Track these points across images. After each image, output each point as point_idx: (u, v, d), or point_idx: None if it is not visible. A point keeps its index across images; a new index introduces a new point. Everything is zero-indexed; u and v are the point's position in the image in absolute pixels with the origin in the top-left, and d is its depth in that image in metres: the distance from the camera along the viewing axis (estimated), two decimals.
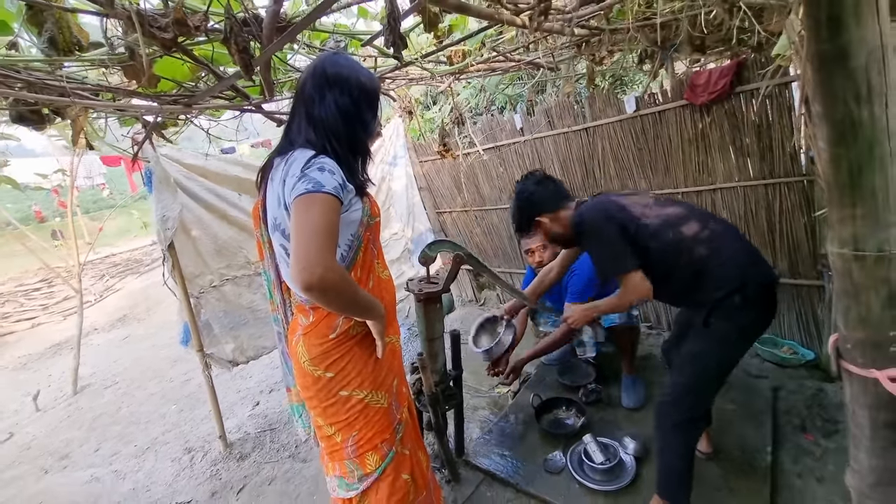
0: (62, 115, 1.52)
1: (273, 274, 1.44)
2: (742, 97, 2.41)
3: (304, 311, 1.32)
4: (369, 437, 1.33)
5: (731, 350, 1.57)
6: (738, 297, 1.49)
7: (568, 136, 3.15)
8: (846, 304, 0.80)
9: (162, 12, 1.04)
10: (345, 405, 1.30)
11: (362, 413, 1.31)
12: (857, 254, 0.73)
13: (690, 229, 1.59)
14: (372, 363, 1.31)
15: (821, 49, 0.66)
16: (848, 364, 0.81)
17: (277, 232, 1.23)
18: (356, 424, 1.31)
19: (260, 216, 1.35)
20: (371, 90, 1.19)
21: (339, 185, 1.10)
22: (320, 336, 1.28)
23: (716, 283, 1.53)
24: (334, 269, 1.04)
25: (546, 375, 2.81)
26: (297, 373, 1.36)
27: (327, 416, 1.33)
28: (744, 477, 1.87)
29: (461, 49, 1.95)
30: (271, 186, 1.22)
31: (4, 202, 6.78)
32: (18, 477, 2.67)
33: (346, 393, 1.29)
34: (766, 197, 2.54)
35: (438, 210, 4.20)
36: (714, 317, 1.55)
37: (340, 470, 1.37)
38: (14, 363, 4.68)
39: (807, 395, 2.32)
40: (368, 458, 1.34)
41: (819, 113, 0.70)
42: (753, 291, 1.49)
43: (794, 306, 2.67)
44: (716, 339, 1.55)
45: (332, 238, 1.07)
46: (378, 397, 1.33)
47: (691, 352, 1.62)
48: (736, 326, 1.52)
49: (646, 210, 1.66)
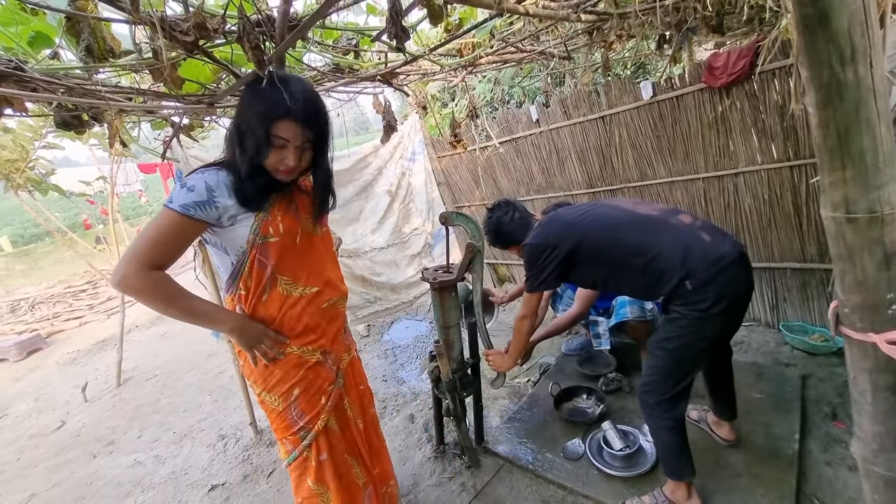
0: (99, 121, 1.65)
1: None
2: (762, 77, 2.35)
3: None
4: (273, 428, 1.47)
5: (698, 331, 1.55)
6: (688, 283, 1.49)
7: (584, 126, 3.13)
8: (842, 269, 0.79)
9: (183, 17, 1.12)
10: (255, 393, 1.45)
11: (263, 405, 1.44)
12: (849, 216, 0.73)
13: (626, 234, 1.66)
14: (262, 367, 1.37)
15: (804, 13, 0.66)
16: (847, 329, 0.81)
17: None
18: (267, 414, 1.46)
19: None
20: (253, 106, 1.14)
21: (196, 202, 1.16)
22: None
23: (661, 276, 1.56)
24: (138, 274, 1.13)
25: (566, 365, 2.81)
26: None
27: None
28: (768, 464, 1.83)
29: (471, 41, 1.98)
30: None
31: (53, 211, 7.25)
32: (70, 461, 2.88)
33: (249, 383, 1.47)
34: (792, 179, 2.46)
35: (457, 205, 4.24)
36: (672, 304, 1.58)
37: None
38: (65, 358, 5.01)
39: (838, 383, 2.24)
40: (279, 445, 1.51)
41: (807, 77, 0.70)
42: (703, 273, 1.48)
43: (824, 292, 2.58)
44: (679, 325, 1.56)
45: (154, 246, 1.16)
46: (271, 398, 1.40)
47: (659, 336, 1.64)
48: (695, 310, 1.51)
49: (587, 221, 1.75)
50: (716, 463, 1.89)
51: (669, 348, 1.59)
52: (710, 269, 1.48)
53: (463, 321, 2.14)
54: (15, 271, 10.92)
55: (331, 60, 1.68)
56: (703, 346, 1.59)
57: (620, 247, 1.65)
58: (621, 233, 1.67)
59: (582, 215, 1.78)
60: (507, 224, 2.03)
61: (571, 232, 1.75)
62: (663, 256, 1.55)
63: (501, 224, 2.04)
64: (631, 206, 1.76)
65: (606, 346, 2.56)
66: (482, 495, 1.97)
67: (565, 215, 1.84)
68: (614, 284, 1.78)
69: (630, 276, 1.67)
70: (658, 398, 1.60)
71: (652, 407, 1.63)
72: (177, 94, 1.41)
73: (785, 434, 1.96)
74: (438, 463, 2.21)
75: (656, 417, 1.63)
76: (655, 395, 1.61)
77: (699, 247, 1.53)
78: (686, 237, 1.56)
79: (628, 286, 1.77)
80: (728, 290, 1.50)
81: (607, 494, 1.82)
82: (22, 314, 7.31)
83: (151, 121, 1.95)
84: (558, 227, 1.81)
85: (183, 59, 1.27)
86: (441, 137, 4.03)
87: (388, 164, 3.74)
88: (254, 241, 1.25)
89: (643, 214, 1.69)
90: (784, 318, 2.80)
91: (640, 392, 1.67)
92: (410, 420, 2.61)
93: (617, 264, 1.68)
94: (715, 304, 1.48)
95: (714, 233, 1.60)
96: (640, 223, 1.66)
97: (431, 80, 2.76)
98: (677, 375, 1.59)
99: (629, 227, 1.67)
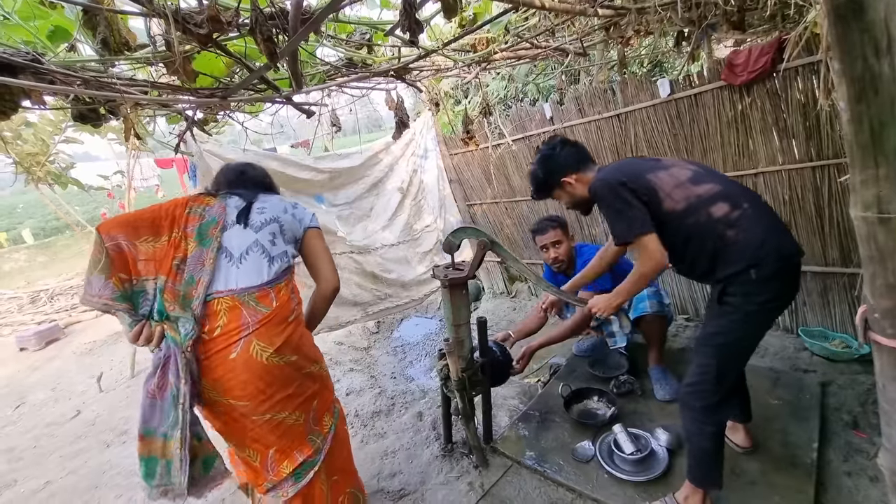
0: (116, 114, 1.67)
1: (207, 277, 1.45)
2: (784, 75, 2.28)
3: (264, 299, 1.46)
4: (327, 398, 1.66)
5: (750, 327, 1.48)
6: (753, 272, 1.41)
7: (599, 124, 3.08)
8: (872, 272, 0.75)
9: (197, 10, 1.12)
10: (309, 379, 1.57)
11: (324, 380, 1.63)
12: (881, 216, 0.69)
13: (716, 210, 1.49)
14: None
15: (837, 3, 0.63)
16: (876, 335, 0.77)
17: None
18: (317, 394, 1.60)
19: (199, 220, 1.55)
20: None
21: None
22: (282, 321, 1.48)
23: (731, 257, 1.45)
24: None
25: (577, 367, 2.78)
26: (253, 375, 1.41)
27: (293, 402, 1.51)
28: (785, 473, 1.78)
29: (485, 36, 1.96)
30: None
31: (73, 205, 7.42)
32: (85, 449, 2.93)
33: (315, 368, 1.60)
34: (814, 180, 2.39)
35: (469, 202, 4.22)
36: (728, 293, 1.47)
37: (305, 452, 1.54)
38: (81, 349, 5.11)
39: (860, 391, 2.18)
40: (326, 417, 1.64)
41: (838, 70, 0.67)
42: (771, 266, 1.41)
43: (846, 297, 2.50)
44: (732, 318, 1.47)
45: None
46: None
47: (708, 331, 1.55)
48: (752, 302, 1.43)
49: (674, 188, 1.55)
50: (731, 470, 1.84)
51: (722, 344, 1.50)
52: (778, 263, 1.41)
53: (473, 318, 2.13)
54: (36, 263, 11.18)
55: (344, 55, 1.67)
56: (752, 344, 1.54)
57: (694, 226, 1.50)
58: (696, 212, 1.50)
59: (663, 171, 1.60)
60: (562, 150, 1.78)
61: (649, 174, 1.57)
62: (739, 237, 1.44)
63: (555, 150, 1.78)
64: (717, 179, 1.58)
65: (623, 343, 2.51)
66: (489, 495, 1.95)
67: (645, 166, 1.65)
68: (673, 252, 1.57)
69: (702, 243, 1.50)
70: (706, 401, 1.51)
71: (698, 411, 1.54)
72: (190, 88, 1.42)
73: (803, 442, 1.90)
74: (446, 461, 2.20)
75: (700, 422, 1.54)
76: (703, 397, 1.51)
77: (777, 237, 1.44)
78: (767, 224, 1.46)
79: (687, 265, 1.61)
80: (786, 289, 1.46)
81: (617, 499, 1.79)
82: (42, 305, 7.49)
83: (166, 115, 1.97)
84: (634, 168, 1.63)
85: (197, 52, 1.27)
86: (454, 134, 4.01)
87: (399, 160, 3.73)
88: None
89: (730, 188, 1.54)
90: (803, 323, 2.73)
91: (686, 394, 1.57)
92: (419, 418, 2.60)
93: (686, 240, 1.53)
94: (771, 300, 1.43)
95: (783, 228, 1.52)
96: (730, 189, 1.52)
97: (445, 77, 2.74)
98: (729, 376, 1.52)
99: (704, 207, 1.50)
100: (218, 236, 1.50)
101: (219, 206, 1.57)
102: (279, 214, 1.61)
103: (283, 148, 6.62)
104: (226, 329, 1.40)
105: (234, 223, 1.55)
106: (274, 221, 1.59)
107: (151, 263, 1.46)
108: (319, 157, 3.22)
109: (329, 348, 3.79)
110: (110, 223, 1.46)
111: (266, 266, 1.50)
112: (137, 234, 1.47)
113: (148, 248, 1.47)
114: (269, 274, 1.50)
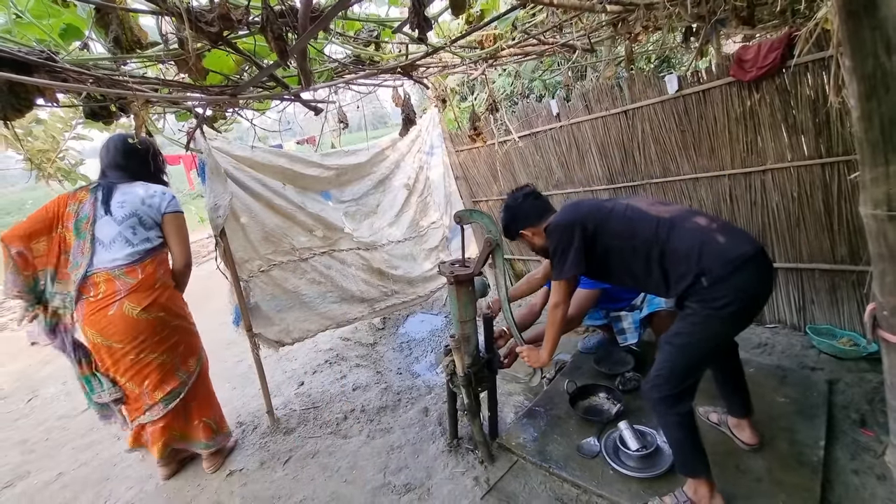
0: (126, 112, 1.68)
1: (86, 261, 2.05)
2: (794, 71, 2.26)
3: (131, 273, 2.06)
4: (193, 344, 2.31)
5: (711, 330, 1.55)
6: (704, 280, 1.50)
7: (606, 120, 3.07)
8: (882, 269, 0.75)
9: (208, 8, 1.13)
10: (175, 330, 2.19)
11: (189, 331, 2.28)
12: (891, 214, 0.69)
13: (644, 226, 1.68)
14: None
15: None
16: (885, 333, 0.77)
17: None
18: (182, 341, 2.23)
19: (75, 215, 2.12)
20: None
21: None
22: (149, 288, 2.09)
23: (676, 272, 1.58)
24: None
25: (582, 363, 2.78)
26: (127, 325, 2.05)
27: (161, 346, 2.13)
28: (791, 471, 1.78)
29: (492, 33, 1.96)
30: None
31: None
32: (96, 441, 2.98)
33: (180, 321, 2.22)
34: (823, 177, 2.38)
35: (475, 199, 4.22)
36: (687, 301, 1.58)
37: (172, 384, 2.19)
38: None
39: (867, 389, 2.17)
40: (191, 360, 2.27)
41: (849, 67, 0.67)
42: (719, 270, 1.48)
43: (855, 295, 2.49)
44: (691, 321, 1.57)
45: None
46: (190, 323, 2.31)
47: (671, 332, 1.64)
48: (710, 308, 1.51)
49: (610, 206, 1.80)
50: (736, 467, 1.84)
51: (679, 344, 1.59)
52: (726, 268, 1.48)
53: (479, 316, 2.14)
54: None
55: (352, 52, 1.68)
56: (714, 345, 1.61)
57: (640, 237, 1.67)
58: (640, 225, 1.70)
59: (604, 202, 1.85)
60: (524, 202, 2.01)
61: (596, 214, 1.79)
62: (679, 253, 1.57)
63: (517, 202, 2.03)
64: (646, 206, 1.77)
65: (634, 339, 2.51)
66: (495, 490, 1.97)
67: (588, 201, 1.89)
68: (631, 278, 1.79)
69: (647, 268, 1.68)
70: (663, 393, 1.60)
71: (656, 402, 1.64)
72: (201, 85, 1.43)
73: (810, 440, 1.90)
74: (452, 457, 2.21)
75: (662, 413, 1.64)
76: (660, 390, 1.61)
77: (715, 246, 1.54)
78: (702, 236, 1.57)
79: (645, 280, 1.75)
80: (744, 289, 1.49)
81: (623, 495, 1.80)
82: None
83: (176, 112, 1.98)
84: (584, 209, 1.85)
85: (207, 49, 1.28)
86: (460, 131, 4.01)
87: (405, 157, 3.73)
88: None
89: (658, 213, 1.71)
90: (811, 321, 2.71)
91: (646, 387, 1.67)
92: (425, 413, 2.62)
93: (635, 255, 1.69)
94: (730, 302, 1.48)
95: (732, 233, 1.60)
96: (656, 220, 1.68)
97: (451, 73, 2.74)
98: (684, 372, 1.59)
99: (647, 222, 1.69)
100: (90, 229, 2.07)
101: (89, 203, 2.10)
102: (136, 208, 2.10)
103: (289, 144, 6.65)
104: (104, 294, 2.04)
105: (102, 215, 2.08)
106: (133, 216, 2.09)
107: (43, 258, 2.11)
108: (326, 153, 3.22)
109: (335, 344, 3.82)
110: (10, 235, 2.05)
111: (130, 250, 2.07)
112: (31, 239, 2.08)
113: (41, 248, 2.10)
114: (133, 256, 2.07)
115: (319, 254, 3.09)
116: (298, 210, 2.93)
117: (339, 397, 2.98)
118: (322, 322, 3.06)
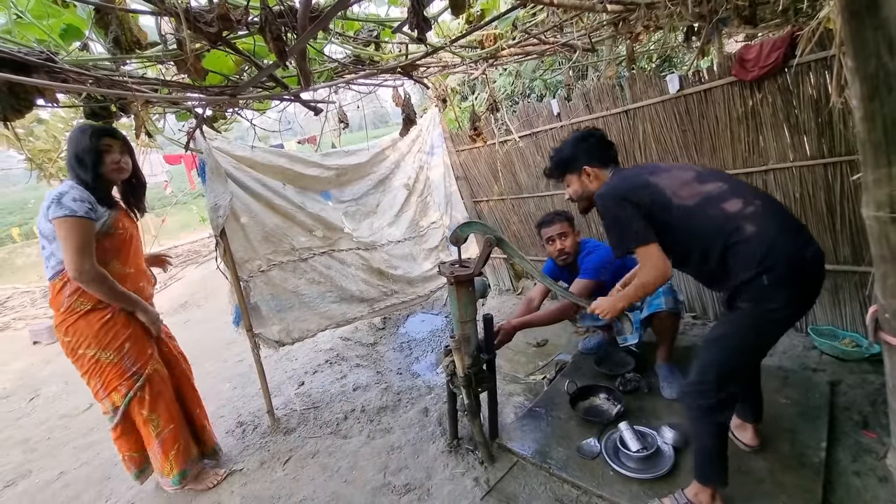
0: (126, 112, 1.69)
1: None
2: (796, 71, 2.25)
3: (51, 290, 1.95)
4: (103, 383, 2.00)
5: (759, 334, 1.45)
6: (765, 278, 1.37)
7: (607, 120, 3.06)
8: (884, 271, 0.74)
9: (207, 8, 1.13)
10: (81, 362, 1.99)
11: (97, 364, 1.97)
12: (894, 216, 0.68)
13: (727, 208, 1.47)
14: (97, 329, 1.94)
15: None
16: (887, 335, 0.76)
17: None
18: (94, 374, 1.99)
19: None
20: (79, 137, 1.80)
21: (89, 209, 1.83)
22: (56, 309, 1.95)
23: (741, 263, 1.42)
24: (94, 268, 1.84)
25: (583, 364, 2.78)
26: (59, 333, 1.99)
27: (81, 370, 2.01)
28: (793, 472, 1.77)
29: (492, 33, 1.95)
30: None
31: None
32: (97, 441, 2.98)
33: (82, 351, 1.96)
34: (826, 177, 2.36)
35: (475, 199, 4.22)
36: (740, 299, 1.45)
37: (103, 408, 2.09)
38: None
39: (870, 391, 2.16)
40: (107, 399, 2.04)
41: (851, 67, 0.66)
42: (784, 270, 1.36)
43: (857, 296, 2.48)
44: (741, 323, 1.46)
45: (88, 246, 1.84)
46: (106, 355, 1.96)
47: (717, 332, 1.54)
48: (764, 309, 1.40)
49: (680, 187, 1.55)
50: (737, 468, 1.83)
51: (728, 347, 1.48)
52: (792, 267, 1.37)
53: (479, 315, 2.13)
54: None
55: (351, 52, 1.68)
56: (764, 349, 1.52)
57: (704, 233, 1.49)
58: (703, 219, 1.49)
59: (665, 172, 1.60)
60: (601, 142, 1.80)
61: (652, 178, 1.57)
62: (748, 244, 1.41)
63: (594, 137, 1.81)
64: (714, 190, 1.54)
65: (634, 340, 2.49)
66: (495, 491, 1.97)
67: (645, 170, 1.64)
68: (680, 259, 1.60)
69: (706, 255, 1.50)
70: (705, 401, 1.50)
71: (697, 410, 1.53)
72: (200, 86, 1.43)
73: (811, 441, 1.89)
74: (452, 457, 2.21)
75: (700, 421, 1.54)
76: (706, 397, 1.49)
77: (785, 243, 1.39)
78: (773, 228, 1.41)
79: (698, 267, 1.59)
80: (802, 295, 1.41)
81: (623, 496, 1.79)
82: None
83: (176, 112, 1.99)
84: (636, 178, 1.63)
85: (207, 50, 1.28)
86: (460, 131, 4.01)
87: (406, 157, 3.73)
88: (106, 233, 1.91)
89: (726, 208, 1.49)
90: (813, 322, 2.70)
91: (686, 393, 1.57)
92: (424, 413, 2.62)
93: (697, 238, 1.51)
94: (784, 306, 1.39)
95: (798, 229, 1.46)
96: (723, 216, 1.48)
97: (451, 73, 2.73)
98: (730, 377, 1.49)
99: (714, 203, 1.49)
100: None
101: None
102: (40, 221, 1.90)
103: (290, 144, 6.65)
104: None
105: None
106: (41, 232, 1.94)
107: None
108: (326, 153, 3.22)
109: (336, 344, 3.82)
110: None
111: (46, 267, 1.95)
112: None
113: None
114: (48, 273, 1.94)
115: (319, 254, 3.09)
116: (298, 210, 2.93)
117: (339, 397, 2.98)
118: (322, 322, 3.06)
